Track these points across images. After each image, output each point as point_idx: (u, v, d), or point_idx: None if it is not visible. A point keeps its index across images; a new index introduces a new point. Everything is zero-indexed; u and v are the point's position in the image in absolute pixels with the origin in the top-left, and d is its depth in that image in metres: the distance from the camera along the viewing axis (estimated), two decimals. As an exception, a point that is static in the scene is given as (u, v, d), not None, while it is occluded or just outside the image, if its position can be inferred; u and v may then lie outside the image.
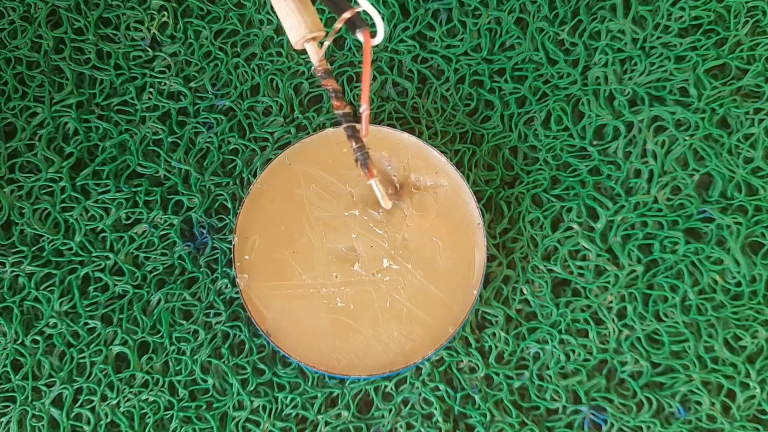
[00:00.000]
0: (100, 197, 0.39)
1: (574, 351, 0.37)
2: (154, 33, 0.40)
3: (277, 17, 0.29)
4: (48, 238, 0.38)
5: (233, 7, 0.40)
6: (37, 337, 0.37)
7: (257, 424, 0.37)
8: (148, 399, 0.37)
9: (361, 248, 0.37)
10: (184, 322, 0.38)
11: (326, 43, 0.28)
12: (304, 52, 0.34)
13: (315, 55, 0.29)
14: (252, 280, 0.37)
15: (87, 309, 0.38)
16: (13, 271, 0.38)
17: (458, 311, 0.36)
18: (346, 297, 0.37)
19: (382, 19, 0.27)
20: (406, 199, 0.38)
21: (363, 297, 0.37)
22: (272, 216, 0.38)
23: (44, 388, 0.37)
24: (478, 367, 0.37)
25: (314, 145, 0.38)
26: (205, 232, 0.39)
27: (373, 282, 0.37)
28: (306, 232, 0.38)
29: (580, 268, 0.38)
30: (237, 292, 0.38)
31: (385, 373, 0.36)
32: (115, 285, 0.38)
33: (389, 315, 0.37)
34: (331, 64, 0.40)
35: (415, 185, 0.38)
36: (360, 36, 0.28)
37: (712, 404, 0.36)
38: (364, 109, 0.29)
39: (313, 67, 0.30)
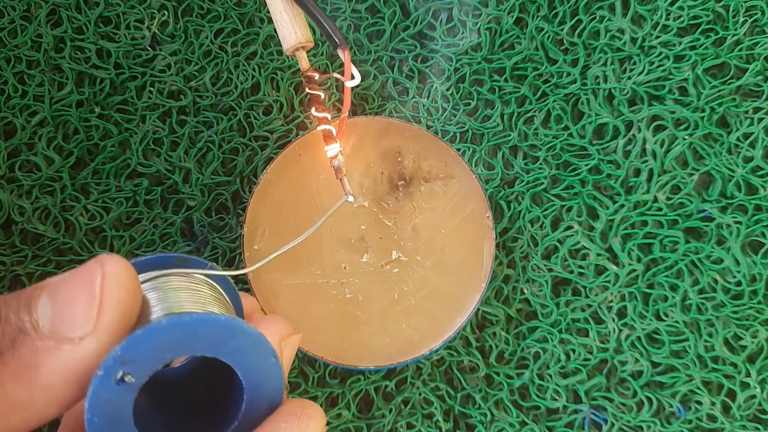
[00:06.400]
0: (100, 196, 0.39)
1: (574, 350, 0.37)
2: (154, 32, 0.40)
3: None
4: (48, 237, 0.38)
5: (234, 6, 0.40)
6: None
7: (257, 423, 0.37)
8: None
9: (371, 239, 0.37)
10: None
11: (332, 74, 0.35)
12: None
13: (304, 62, 0.34)
14: (261, 271, 0.37)
15: (87, 308, 0.38)
16: (13, 271, 0.38)
17: (466, 303, 0.37)
18: (354, 288, 0.37)
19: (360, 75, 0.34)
20: (415, 191, 0.38)
21: (371, 288, 0.37)
22: (282, 206, 0.38)
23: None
24: (479, 367, 0.37)
25: None
26: (205, 231, 0.39)
27: (382, 273, 0.37)
28: (315, 222, 0.38)
29: (580, 267, 0.38)
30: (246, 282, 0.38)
31: (393, 364, 0.36)
32: (114, 284, 0.38)
33: (397, 306, 0.37)
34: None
35: (425, 177, 0.38)
36: (341, 53, 0.33)
37: (713, 404, 0.36)
38: (344, 116, 0.34)
39: (301, 73, 0.34)
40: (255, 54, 0.40)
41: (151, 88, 0.40)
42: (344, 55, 0.33)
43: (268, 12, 0.39)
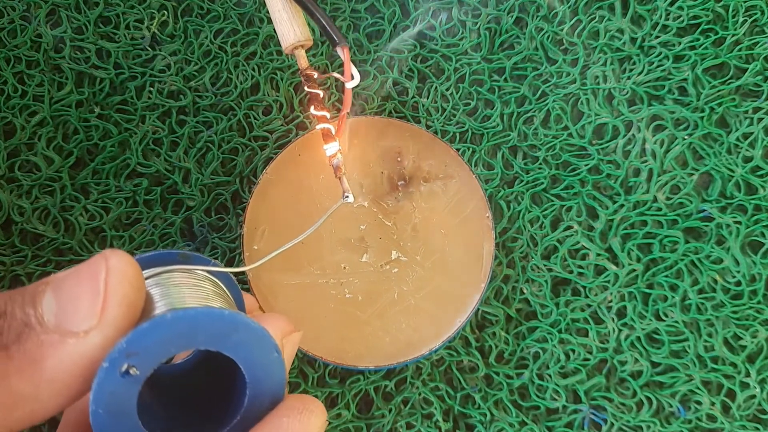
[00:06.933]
0: (100, 196, 0.39)
1: (573, 350, 0.37)
2: (154, 32, 0.40)
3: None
4: (48, 237, 0.38)
5: (233, 6, 0.40)
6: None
7: (257, 423, 0.37)
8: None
9: (370, 239, 0.37)
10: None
11: (332, 74, 0.35)
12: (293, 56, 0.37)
13: (302, 61, 0.34)
14: (261, 270, 0.37)
15: (86, 308, 0.38)
16: (12, 271, 0.38)
17: (466, 303, 0.37)
18: (354, 288, 0.37)
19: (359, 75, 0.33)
20: (415, 191, 0.38)
21: (371, 288, 0.37)
22: (281, 206, 0.38)
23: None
24: (478, 367, 0.37)
25: None
26: (205, 231, 0.39)
27: (382, 273, 0.37)
28: (315, 222, 0.38)
29: (580, 267, 0.38)
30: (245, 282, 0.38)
31: (392, 364, 0.36)
32: (114, 284, 0.38)
33: (397, 306, 0.37)
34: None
35: (425, 177, 0.38)
36: (340, 52, 0.32)
37: (712, 404, 0.36)
38: (343, 114, 0.34)
39: (299, 72, 0.34)
40: (254, 54, 0.40)
41: (151, 88, 0.40)
42: (343, 54, 0.32)
43: (268, 11, 0.39)
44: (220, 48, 0.40)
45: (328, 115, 0.35)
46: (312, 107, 0.34)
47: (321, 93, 0.34)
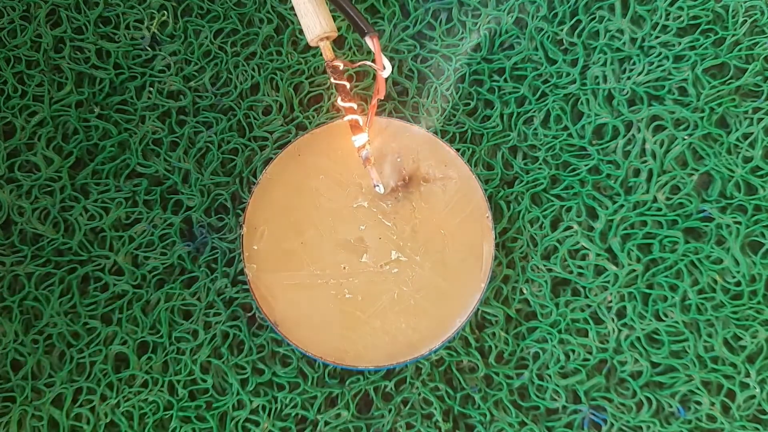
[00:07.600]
0: (99, 196, 0.39)
1: (573, 351, 0.37)
2: (153, 32, 0.40)
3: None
4: (47, 237, 0.38)
5: (233, 6, 0.40)
6: (37, 337, 0.37)
7: (257, 423, 0.37)
8: (147, 399, 0.37)
9: (370, 239, 0.37)
10: (183, 321, 0.38)
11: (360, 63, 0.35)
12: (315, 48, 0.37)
13: (328, 53, 0.33)
14: (260, 270, 0.37)
15: (87, 308, 0.38)
16: (12, 271, 0.38)
17: (466, 303, 0.37)
18: (354, 288, 0.37)
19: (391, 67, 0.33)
20: (415, 191, 0.38)
21: (371, 288, 0.37)
22: (281, 206, 0.38)
23: (44, 388, 0.37)
24: (478, 367, 0.37)
25: (324, 136, 0.38)
26: (204, 231, 0.39)
27: (382, 273, 0.37)
28: (315, 222, 0.38)
29: (580, 267, 0.38)
30: (237, 291, 0.38)
31: (392, 365, 0.36)
32: (114, 284, 0.38)
33: (397, 306, 0.37)
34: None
35: (425, 177, 0.38)
36: (369, 42, 0.31)
37: (712, 404, 0.36)
38: (374, 104, 0.33)
39: (326, 63, 0.34)
40: (254, 54, 0.40)
41: (151, 89, 0.40)
42: (373, 43, 0.31)
43: (268, 11, 0.39)
44: (220, 48, 0.40)
45: (355, 105, 0.34)
46: (339, 98, 0.34)
47: (347, 84, 0.34)
